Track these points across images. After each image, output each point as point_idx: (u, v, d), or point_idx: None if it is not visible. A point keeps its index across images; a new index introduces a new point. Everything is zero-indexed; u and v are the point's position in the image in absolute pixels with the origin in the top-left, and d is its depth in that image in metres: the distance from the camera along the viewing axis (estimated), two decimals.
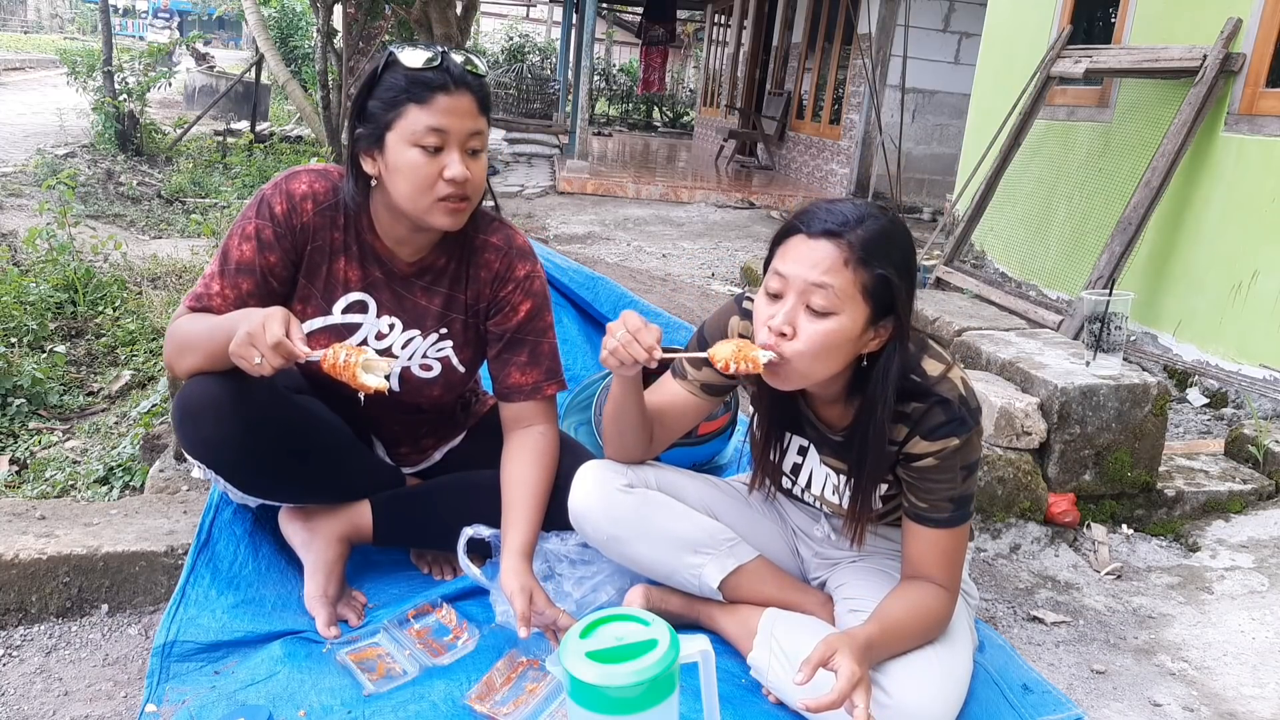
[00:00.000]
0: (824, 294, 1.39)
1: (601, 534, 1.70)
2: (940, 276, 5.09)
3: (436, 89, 1.55)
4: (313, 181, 1.68)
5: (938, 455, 1.48)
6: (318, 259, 1.70)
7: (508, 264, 1.78)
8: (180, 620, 1.65)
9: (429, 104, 1.54)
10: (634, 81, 21.05)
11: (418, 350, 1.78)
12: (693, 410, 1.74)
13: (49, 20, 41.08)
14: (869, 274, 1.39)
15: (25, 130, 9.70)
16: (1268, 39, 3.83)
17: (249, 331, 1.42)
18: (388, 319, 1.75)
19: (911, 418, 1.49)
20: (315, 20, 9.92)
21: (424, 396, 1.82)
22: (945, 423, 1.47)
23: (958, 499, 1.51)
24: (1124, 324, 2.49)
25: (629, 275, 3.38)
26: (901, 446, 1.51)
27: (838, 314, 1.40)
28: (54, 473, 2.90)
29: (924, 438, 1.48)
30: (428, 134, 1.54)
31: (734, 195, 9.04)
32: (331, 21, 9.63)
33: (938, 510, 1.52)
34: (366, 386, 1.46)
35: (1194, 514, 2.54)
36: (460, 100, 1.56)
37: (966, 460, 1.50)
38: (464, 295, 1.78)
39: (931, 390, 1.47)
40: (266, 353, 1.41)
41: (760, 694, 1.62)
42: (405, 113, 1.55)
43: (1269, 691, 1.80)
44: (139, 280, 4.73)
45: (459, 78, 1.57)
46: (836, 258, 1.39)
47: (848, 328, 1.41)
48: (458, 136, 1.56)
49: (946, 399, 1.47)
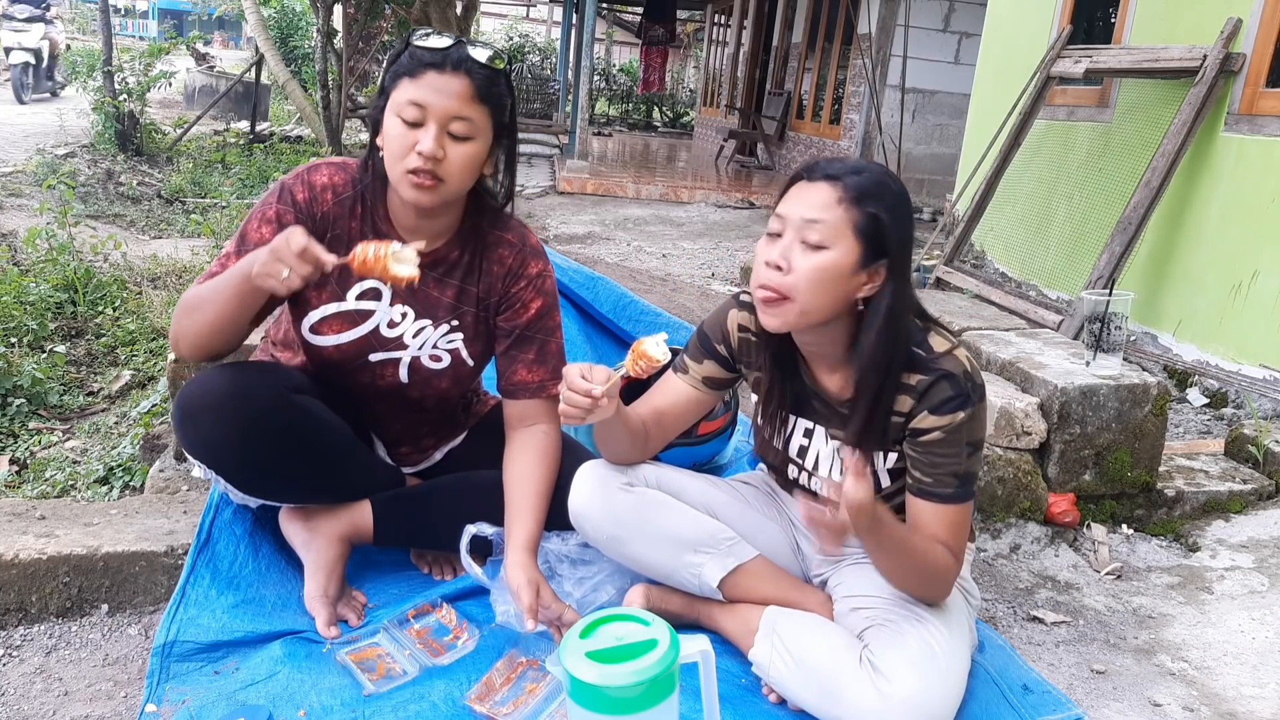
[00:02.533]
0: (817, 229, 1.47)
1: (601, 533, 1.70)
2: (940, 276, 5.09)
3: (429, 66, 1.58)
4: (333, 174, 1.72)
5: (944, 429, 1.51)
6: (334, 247, 1.70)
7: (521, 261, 1.80)
8: (180, 620, 1.65)
9: (418, 79, 1.58)
10: (634, 81, 21.05)
11: (428, 340, 1.78)
12: (695, 406, 1.76)
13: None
14: (860, 212, 1.47)
15: (25, 130, 9.68)
16: (1268, 39, 3.83)
17: (272, 248, 1.45)
18: (400, 308, 1.76)
19: (917, 390, 1.52)
20: (315, 20, 9.92)
21: (432, 388, 1.82)
22: (952, 397, 1.50)
23: (963, 475, 1.53)
24: (1124, 324, 2.49)
25: (629, 275, 3.38)
26: (908, 420, 1.54)
27: (830, 248, 1.47)
28: (54, 473, 2.90)
29: (931, 412, 1.51)
30: (408, 106, 1.57)
31: (734, 195, 9.04)
32: (331, 21, 9.62)
33: (942, 485, 1.53)
34: (399, 277, 1.47)
35: (1194, 514, 2.54)
36: (450, 81, 1.58)
37: (972, 436, 1.53)
38: (476, 289, 1.79)
39: (936, 364, 1.51)
40: (294, 262, 1.44)
41: (760, 694, 1.62)
42: (399, 85, 1.59)
43: (1269, 691, 1.80)
44: (139, 280, 4.73)
45: (456, 61, 1.59)
46: (831, 196, 1.48)
47: (840, 262, 1.47)
48: (437, 114, 1.57)
49: (952, 373, 1.51)
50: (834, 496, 1.35)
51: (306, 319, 1.74)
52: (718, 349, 1.72)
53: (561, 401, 1.49)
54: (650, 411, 1.73)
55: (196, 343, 1.62)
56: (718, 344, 1.72)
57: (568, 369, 1.49)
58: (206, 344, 1.63)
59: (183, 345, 1.64)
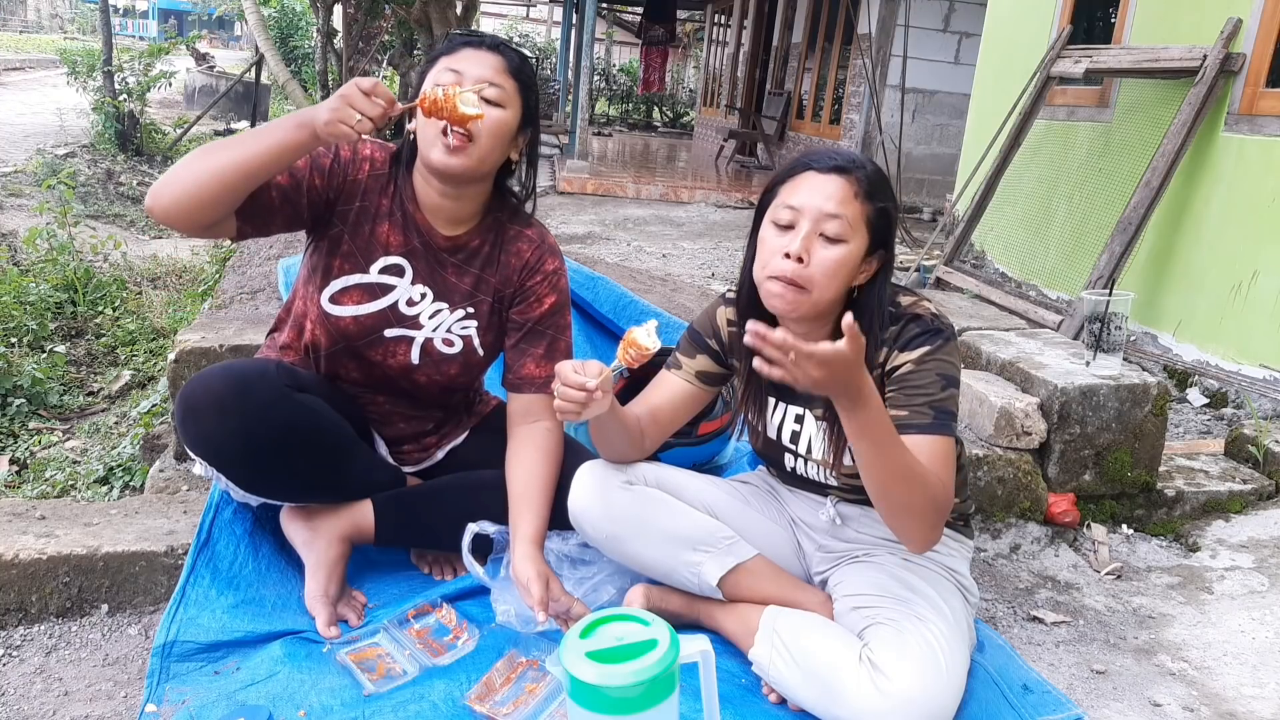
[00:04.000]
0: (838, 223, 1.52)
1: (601, 532, 1.70)
2: (940, 276, 5.09)
3: (465, 44, 1.70)
4: (375, 150, 1.78)
5: (914, 361, 1.56)
6: (362, 219, 1.76)
7: (539, 256, 1.84)
8: (180, 620, 1.65)
9: (455, 54, 1.69)
10: (634, 81, 21.06)
11: (443, 324, 1.81)
12: (690, 401, 1.77)
13: (49, 20, 41.08)
14: (873, 207, 1.55)
15: (25, 130, 9.69)
16: (1268, 39, 3.83)
17: (340, 94, 1.49)
18: (420, 287, 1.79)
19: (888, 339, 1.58)
20: (315, 20, 9.92)
21: (440, 373, 1.83)
22: (919, 334, 1.57)
23: (939, 408, 1.53)
24: (1124, 324, 2.49)
25: (629, 275, 3.38)
26: (883, 368, 1.59)
27: (847, 242, 1.53)
28: (54, 473, 2.90)
29: (900, 350, 1.57)
30: (444, 72, 1.66)
31: (734, 195, 9.04)
32: (331, 21, 9.62)
33: (919, 416, 1.53)
34: (466, 115, 1.54)
35: (1194, 514, 2.54)
36: (485, 55, 1.68)
37: (943, 369, 1.55)
38: (494, 279, 1.83)
39: (904, 313, 1.59)
40: (364, 104, 1.46)
41: (760, 693, 1.62)
42: (435, 65, 1.70)
43: (1269, 691, 1.80)
44: (139, 280, 4.73)
45: (492, 43, 1.72)
46: (848, 190, 1.53)
47: (854, 255, 1.54)
48: (472, 79, 1.65)
49: (918, 314, 1.58)
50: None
51: (328, 287, 1.76)
52: (709, 343, 1.74)
53: (556, 397, 1.49)
54: (646, 409, 1.73)
55: (187, 190, 1.51)
56: (709, 339, 1.74)
57: (560, 365, 1.50)
58: (198, 193, 1.51)
59: (165, 194, 1.52)
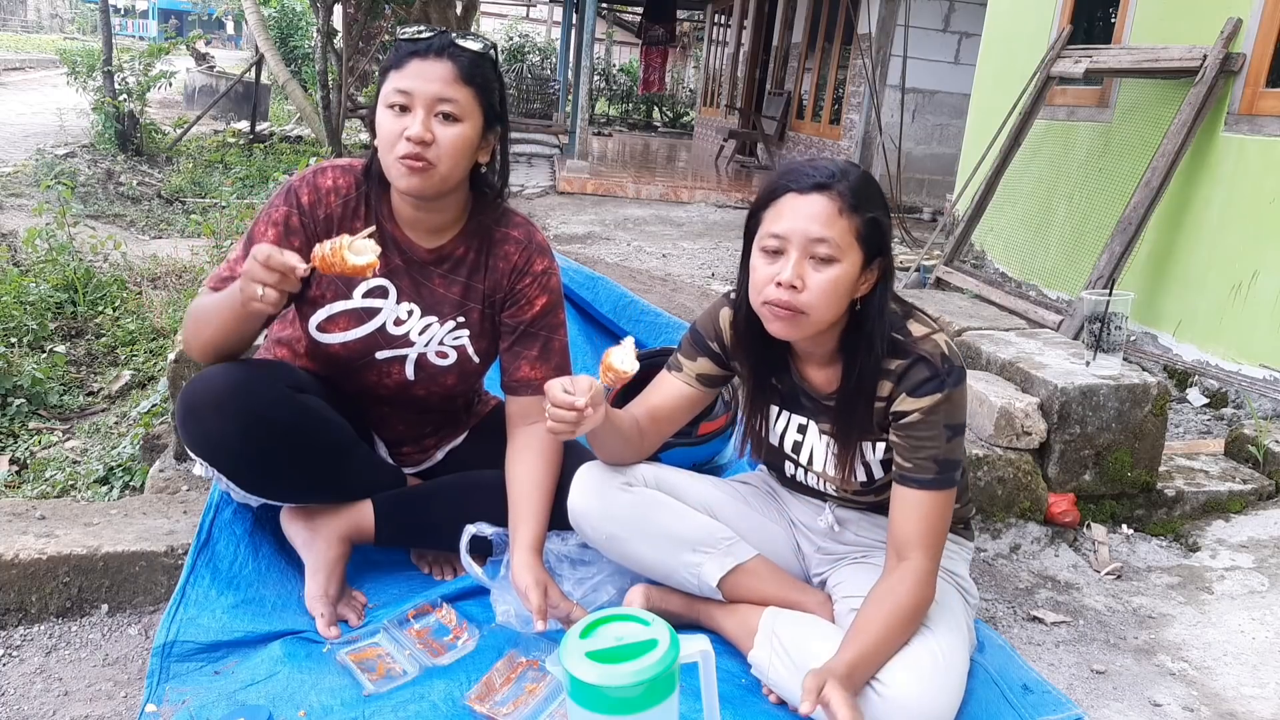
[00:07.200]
0: (826, 245, 1.47)
1: (600, 533, 1.70)
2: (940, 276, 5.09)
3: (411, 54, 1.61)
4: (338, 177, 1.74)
5: (922, 411, 1.53)
6: None
7: (527, 258, 1.81)
8: (180, 620, 1.65)
9: (402, 68, 1.61)
10: (634, 81, 21.05)
11: (434, 337, 1.80)
12: (690, 403, 1.76)
13: (49, 20, 41.10)
14: (860, 219, 1.49)
15: (25, 130, 9.70)
16: (1268, 39, 3.83)
17: (245, 271, 1.48)
18: (407, 305, 1.77)
19: (895, 373, 1.55)
20: (315, 20, 9.93)
21: (438, 385, 1.83)
22: (928, 379, 1.53)
23: (943, 461, 1.54)
24: (1124, 324, 2.49)
25: (629, 275, 3.38)
26: (889, 404, 1.56)
27: (840, 261, 1.49)
28: (54, 473, 2.90)
29: (909, 394, 1.54)
30: (395, 94, 1.59)
31: (734, 195, 9.04)
32: (331, 21, 9.62)
33: (922, 471, 1.54)
34: (359, 267, 1.46)
35: (1194, 514, 2.54)
36: (433, 66, 1.60)
37: (951, 419, 1.54)
38: (482, 285, 1.81)
39: (914, 348, 1.54)
40: (263, 275, 1.45)
41: (760, 694, 1.62)
42: (387, 79, 1.62)
43: (1269, 691, 1.80)
44: (139, 280, 4.73)
45: (439, 47, 1.61)
46: (831, 209, 1.48)
47: (850, 272, 1.50)
48: (423, 99, 1.59)
49: (929, 356, 1.53)
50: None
51: (314, 317, 1.75)
52: (711, 346, 1.73)
53: (548, 419, 1.48)
54: (645, 411, 1.73)
55: (206, 351, 1.69)
56: (710, 341, 1.73)
57: (549, 384, 1.47)
58: (215, 353, 1.69)
59: (194, 351, 1.71)
